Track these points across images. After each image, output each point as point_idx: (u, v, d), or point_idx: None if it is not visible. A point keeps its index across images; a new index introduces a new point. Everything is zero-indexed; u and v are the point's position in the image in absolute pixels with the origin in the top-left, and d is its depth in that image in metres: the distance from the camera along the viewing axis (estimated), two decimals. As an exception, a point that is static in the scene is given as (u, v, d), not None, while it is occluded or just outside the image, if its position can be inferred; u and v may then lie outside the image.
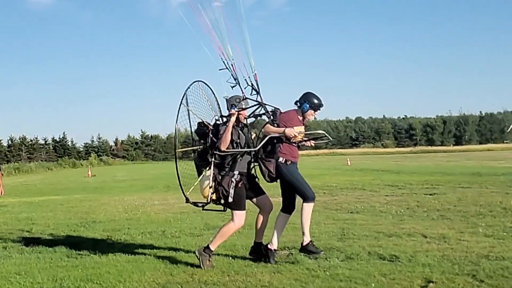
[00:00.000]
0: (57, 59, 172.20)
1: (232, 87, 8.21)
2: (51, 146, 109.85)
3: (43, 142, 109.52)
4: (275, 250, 8.02)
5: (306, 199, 7.82)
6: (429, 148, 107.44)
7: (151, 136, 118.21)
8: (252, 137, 8.10)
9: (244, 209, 7.87)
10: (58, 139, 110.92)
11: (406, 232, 9.86)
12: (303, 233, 7.92)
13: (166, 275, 7.30)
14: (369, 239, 9.37)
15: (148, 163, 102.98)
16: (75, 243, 10.21)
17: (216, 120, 8.22)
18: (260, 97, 8.18)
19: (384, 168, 37.55)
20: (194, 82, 8.13)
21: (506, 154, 67.69)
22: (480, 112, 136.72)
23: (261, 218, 8.22)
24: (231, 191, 7.65)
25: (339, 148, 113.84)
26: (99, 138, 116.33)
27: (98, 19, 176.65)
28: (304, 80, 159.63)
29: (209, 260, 7.67)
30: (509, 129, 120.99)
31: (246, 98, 8.07)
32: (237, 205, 7.76)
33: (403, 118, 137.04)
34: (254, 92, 8.20)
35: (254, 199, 8.10)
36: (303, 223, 7.90)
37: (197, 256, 7.72)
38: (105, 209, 16.78)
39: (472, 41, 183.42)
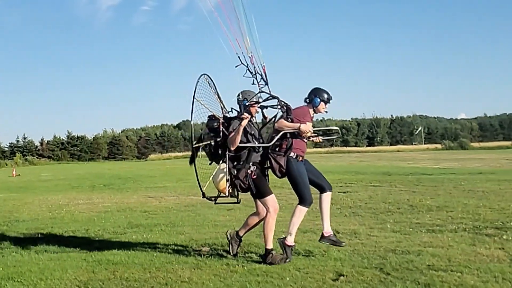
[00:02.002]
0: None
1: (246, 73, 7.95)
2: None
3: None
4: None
5: (303, 202, 7.62)
6: (344, 148, 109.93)
7: (77, 136, 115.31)
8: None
9: (271, 192, 7.63)
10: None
11: (320, 228, 9.89)
12: (290, 233, 7.63)
13: (88, 272, 7.11)
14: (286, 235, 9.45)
15: (73, 163, 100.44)
16: (-3, 242, 9.81)
17: (227, 113, 8.02)
18: (269, 89, 7.95)
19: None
20: (201, 75, 7.76)
21: (414, 155, 70.24)
22: (391, 115, 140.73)
23: (255, 219, 8.06)
24: (251, 182, 7.49)
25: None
26: (25, 138, 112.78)
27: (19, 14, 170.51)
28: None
29: (276, 255, 7.43)
30: (417, 132, 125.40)
31: (262, 91, 7.87)
32: (263, 192, 7.56)
33: (321, 120, 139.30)
34: (263, 83, 7.94)
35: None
36: (292, 223, 7.65)
37: (269, 263, 7.23)
38: (29, 208, 16.19)
39: (385, 48, 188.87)
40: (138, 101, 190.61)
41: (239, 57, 7.88)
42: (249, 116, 7.43)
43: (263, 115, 7.95)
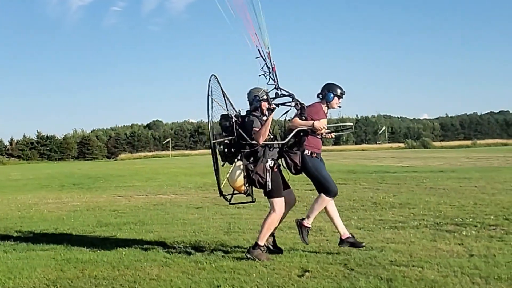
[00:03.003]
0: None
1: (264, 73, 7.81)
2: None
3: None
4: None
5: (328, 193, 7.55)
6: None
7: (47, 136, 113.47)
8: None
9: (282, 196, 7.58)
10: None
11: (287, 226, 10.02)
12: (308, 216, 7.66)
13: (57, 271, 7.05)
14: (253, 233, 9.46)
15: (43, 163, 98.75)
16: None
17: (238, 111, 7.93)
18: (275, 78, 7.82)
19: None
20: (212, 76, 7.65)
21: (378, 153, 70.92)
22: (356, 115, 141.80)
23: (285, 208, 7.92)
24: (268, 178, 7.41)
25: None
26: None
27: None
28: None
29: (264, 252, 7.41)
30: (381, 131, 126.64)
31: (280, 88, 7.73)
32: (276, 192, 7.51)
33: (289, 119, 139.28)
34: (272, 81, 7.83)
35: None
36: (313, 208, 7.64)
37: (252, 259, 7.23)
38: (-2, 208, 15.87)
39: (350, 48, 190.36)
40: (108, 101, 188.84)
41: (258, 50, 7.76)
42: (276, 108, 7.42)
43: (269, 103, 7.57)
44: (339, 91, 7.80)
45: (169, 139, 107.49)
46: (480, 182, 18.58)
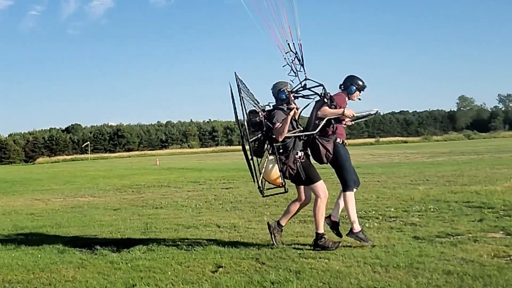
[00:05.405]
0: None
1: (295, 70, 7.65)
2: None
3: None
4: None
5: (347, 187, 7.46)
6: (229, 147, 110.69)
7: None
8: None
9: (321, 178, 7.39)
10: None
11: (203, 223, 10.02)
12: (353, 222, 7.48)
13: (-30, 277, 6.67)
14: (170, 232, 9.38)
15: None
16: None
17: (263, 106, 7.65)
18: (304, 69, 7.63)
19: (189, 167, 37.96)
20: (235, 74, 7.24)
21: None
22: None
23: (296, 205, 7.82)
24: (300, 169, 7.21)
25: (150, 150, 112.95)
26: None
27: None
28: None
29: (329, 240, 7.32)
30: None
31: (308, 79, 7.52)
32: (312, 178, 7.34)
33: (208, 121, 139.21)
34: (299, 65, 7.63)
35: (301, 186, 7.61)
36: (350, 211, 7.50)
37: (322, 247, 7.18)
38: None
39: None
40: (26, 105, 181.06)
41: (288, 44, 7.61)
42: (295, 107, 7.31)
43: (289, 103, 7.48)
44: (360, 83, 7.78)
45: (88, 142, 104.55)
46: (382, 177, 19.27)
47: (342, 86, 7.81)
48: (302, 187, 7.68)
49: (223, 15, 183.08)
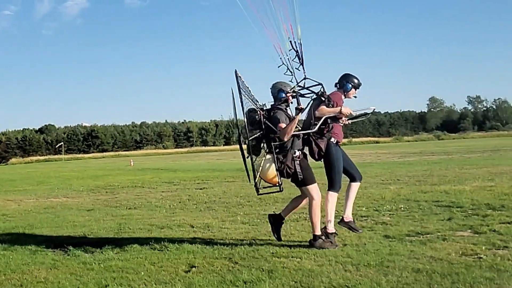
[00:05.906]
0: None
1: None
2: None
3: None
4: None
5: (332, 187, 7.48)
6: (203, 148, 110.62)
7: None
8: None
9: (315, 181, 7.37)
10: None
11: (176, 224, 9.96)
12: (329, 221, 7.45)
13: None
14: (143, 232, 9.31)
15: None
16: None
17: (262, 105, 7.63)
18: (303, 67, 7.64)
19: (163, 167, 37.74)
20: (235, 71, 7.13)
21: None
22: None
23: (298, 200, 7.85)
24: (298, 168, 7.18)
25: (124, 151, 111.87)
26: None
27: None
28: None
29: (326, 240, 7.27)
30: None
31: (307, 78, 7.54)
32: (308, 179, 7.33)
33: (182, 122, 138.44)
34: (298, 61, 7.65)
35: None
36: (329, 210, 7.43)
37: (319, 248, 7.15)
38: None
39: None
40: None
41: (290, 42, 7.61)
42: (303, 107, 7.32)
43: (298, 103, 7.54)
44: (356, 81, 7.80)
45: (62, 143, 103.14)
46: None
47: (338, 85, 7.87)
48: None
49: (197, 15, 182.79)
